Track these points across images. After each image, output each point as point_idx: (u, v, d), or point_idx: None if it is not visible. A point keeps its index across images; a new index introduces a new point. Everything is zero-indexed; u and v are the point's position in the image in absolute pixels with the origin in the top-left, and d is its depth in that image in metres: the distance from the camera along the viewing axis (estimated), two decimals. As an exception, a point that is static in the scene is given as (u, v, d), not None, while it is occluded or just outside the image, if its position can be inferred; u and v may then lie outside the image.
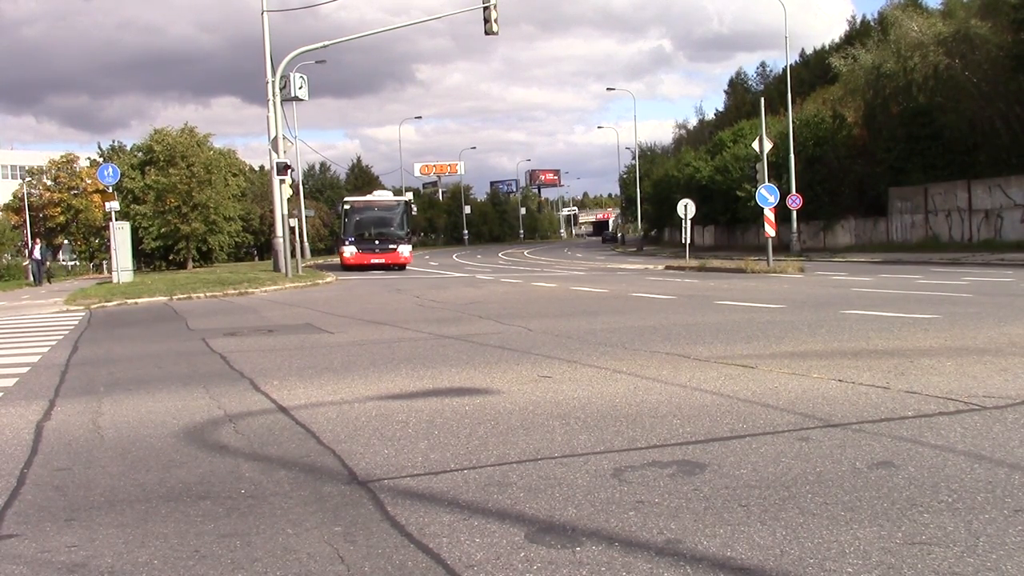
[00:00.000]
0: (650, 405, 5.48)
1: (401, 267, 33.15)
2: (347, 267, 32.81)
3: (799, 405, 5.32)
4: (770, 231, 25.47)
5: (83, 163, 61.03)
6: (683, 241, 32.51)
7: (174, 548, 3.22)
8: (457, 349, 8.71)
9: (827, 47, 56.16)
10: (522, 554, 3.02)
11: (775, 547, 2.99)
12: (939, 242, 34.18)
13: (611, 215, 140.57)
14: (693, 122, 77.28)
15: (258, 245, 68.22)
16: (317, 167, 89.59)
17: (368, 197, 36.52)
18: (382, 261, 32.72)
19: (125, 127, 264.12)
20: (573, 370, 7.02)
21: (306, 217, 50.19)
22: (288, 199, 28.19)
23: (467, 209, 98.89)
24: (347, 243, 32.98)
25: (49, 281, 34.94)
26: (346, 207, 33.77)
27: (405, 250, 33.20)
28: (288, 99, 28.92)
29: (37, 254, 34.23)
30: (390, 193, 39.15)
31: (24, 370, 8.38)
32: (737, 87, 72.07)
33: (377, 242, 32.85)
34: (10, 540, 3.40)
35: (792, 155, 35.30)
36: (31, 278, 33.98)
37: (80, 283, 32.16)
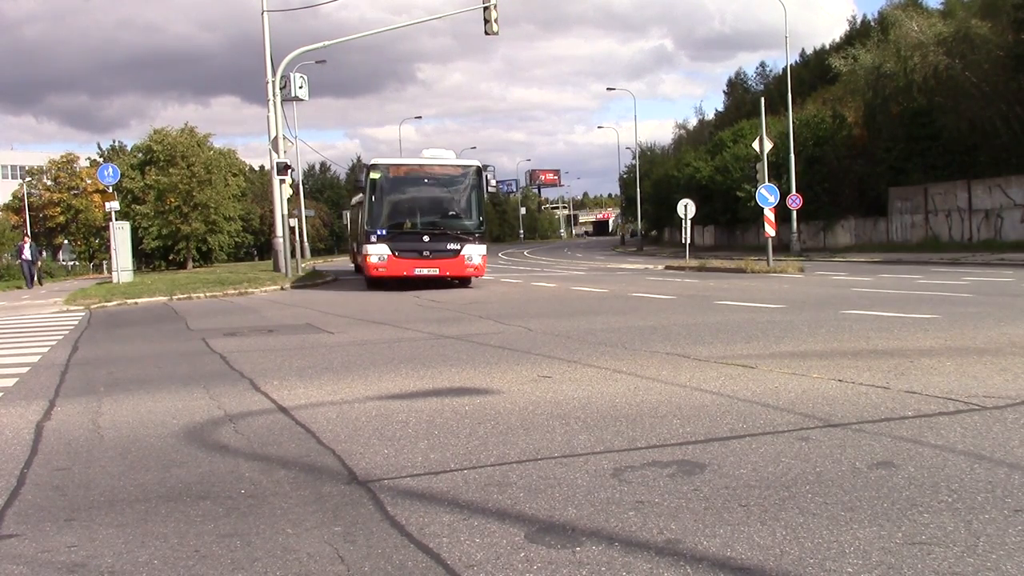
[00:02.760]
0: (650, 405, 5.47)
1: (466, 281, 20.36)
2: (374, 282, 19.99)
3: (799, 405, 5.32)
4: (770, 231, 25.48)
5: (83, 163, 61.07)
6: (683, 241, 32.52)
7: (174, 548, 3.22)
8: (457, 349, 8.70)
9: (827, 47, 56.21)
10: (522, 554, 3.02)
11: (775, 547, 2.99)
12: (939, 242, 34.20)
13: (611, 215, 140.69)
14: (693, 122, 77.38)
15: (258, 245, 68.26)
16: (317, 167, 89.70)
17: (412, 160, 21.22)
18: (435, 272, 19.32)
19: (125, 127, 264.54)
20: (573, 370, 7.02)
21: (306, 217, 50.10)
22: (288, 199, 28.19)
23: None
24: (373, 239, 19.13)
25: (41, 283, 32.49)
26: (373, 176, 19.34)
27: (476, 254, 19.47)
28: (288, 99, 28.84)
29: (27, 253, 31.48)
30: (451, 153, 21.66)
31: (24, 370, 8.38)
32: (736, 87, 72.11)
33: (427, 239, 19.21)
34: (10, 540, 3.40)
35: (792, 155, 35.31)
36: (27, 281, 31.22)
37: (80, 283, 32.10)
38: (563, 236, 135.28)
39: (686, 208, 31.22)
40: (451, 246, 19.47)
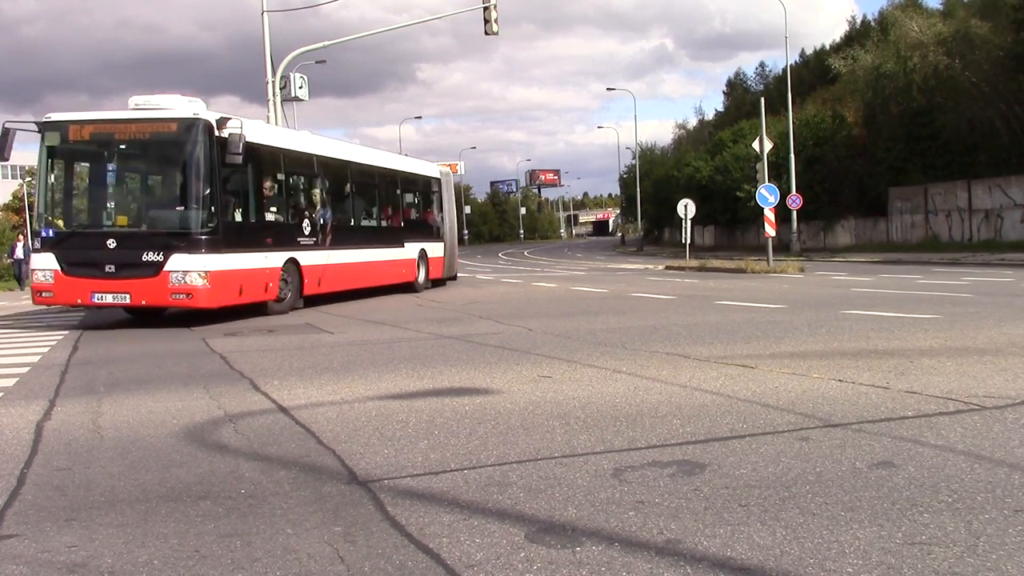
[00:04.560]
0: (650, 405, 5.47)
1: (189, 317, 12.84)
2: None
3: (799, 405, 5.32)
4: (770, 231, 25.48)
5: (83, 163, 60.96)
6: (683, 241, 32.53)
7: (174, 548, 3.21)
8: (457, 349, 8.70)
9: (827, 47, 56.14)
10: (522, 554, 3.02)
11: (775, 547, 2.99)
12: (939, 242, 34.21)
13: (611, 215, 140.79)
14: (693, 122, 77.39)
15: (258, 245, 68.11)
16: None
17: (104, 114, 13.00)
18: (125, 300, 12.16)
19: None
20: (573, 370, 7.02)
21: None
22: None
23: (467, 209, 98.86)
24: (37, 244, 12.79)
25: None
26: (49, 143, 12.54)
27: (197, 269, 11.80)
28: (288, 99, 28.81)
29: (19, 252, 29.81)
30: (180, 101, 12.66)
31: (24, 370, 8.38)
32: (736, 87, 72.00)
33: (112, 244, 12.10)
34: (10, 540, 3.40)
35: (792, 155, 35.31)
36: (18, 281, 29.35)
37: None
38: (563, 236, 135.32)
39: (686, 208, 31.22)
40: (148, 256, 11.82)
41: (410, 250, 19.03)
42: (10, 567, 3.10)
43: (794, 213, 35.37)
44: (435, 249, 20.54)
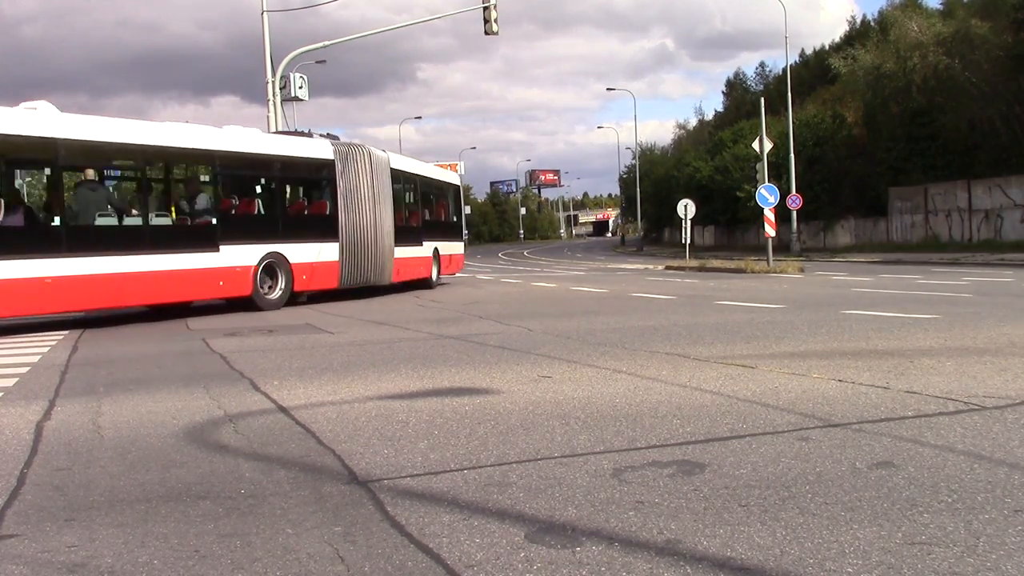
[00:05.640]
0: (650, 405, 5.47)
1: None
2: None
3: (799, 405, 5.32)
4: (770, 231, 25.50)
5: (83, 163, 60.91)
6: (683, 241, 32.56)
7: (174, 548, 3.21)
8: (457, 349, 8.70)
9: (827, 47, 56.20)
10: (522, 554, 3.02)
11: (775, 547, 2.99)
12: (939, 242, 34.24)
13: (611, 215, 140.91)
14: (693, 122, 77.52)
15: (258, 245, 68.04)
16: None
17: None
18: None
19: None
20: (573, 370, 7.02)
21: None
22: (287, 199, 27.99)
23: (467, 209, 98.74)
24: None
25: None
26: None
27: None
28: (288, 99, 28.83)
29: None
30: None
31: (24, 370, 8.38)
32: (736, 87, 72.12)
33: None
34: (10, 540, 3.40)
35: (792, 155, 35.34)
36: None
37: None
38: (563, 236, 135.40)
39: (686, 208, 31.26)
40: None
41: (234, 255, 14.58)
42: (10, 567, 3.10)
43: (794, 213, 35.40)
44: (317, 251, 16.46)
